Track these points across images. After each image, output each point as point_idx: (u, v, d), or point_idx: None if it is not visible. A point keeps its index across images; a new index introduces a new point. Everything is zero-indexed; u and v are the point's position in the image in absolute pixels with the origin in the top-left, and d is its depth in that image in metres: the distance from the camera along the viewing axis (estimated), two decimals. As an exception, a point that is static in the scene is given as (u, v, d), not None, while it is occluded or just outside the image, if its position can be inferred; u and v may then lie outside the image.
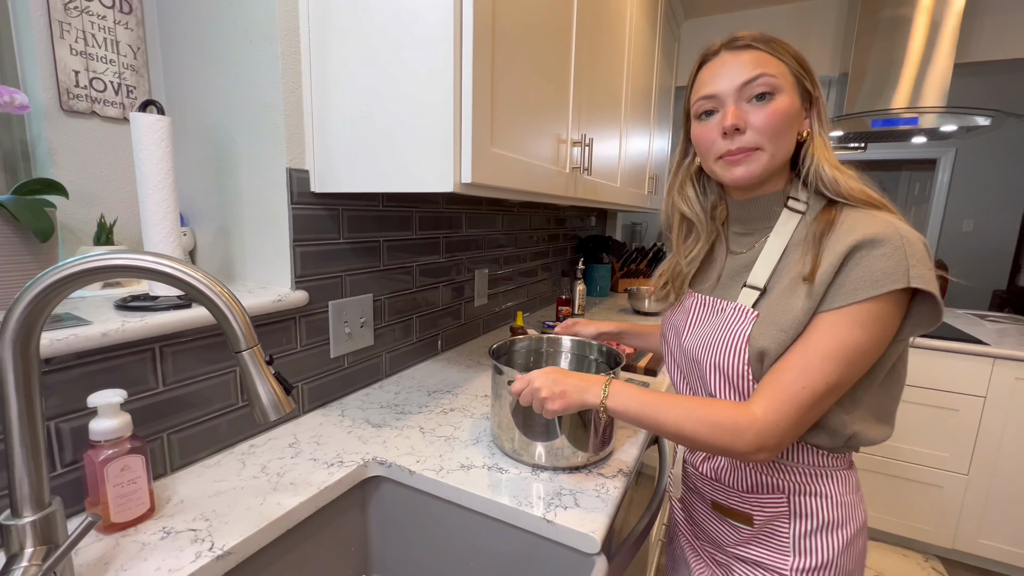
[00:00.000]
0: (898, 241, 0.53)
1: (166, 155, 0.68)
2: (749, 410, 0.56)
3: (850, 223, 0.57)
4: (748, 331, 0.61)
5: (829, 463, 0.65)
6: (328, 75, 0.81)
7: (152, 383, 0.67)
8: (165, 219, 0.69)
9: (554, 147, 1.02)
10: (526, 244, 1.79)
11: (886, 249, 0.53)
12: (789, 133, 0.61)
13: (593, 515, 0.65)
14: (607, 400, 0.63)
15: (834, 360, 0.54)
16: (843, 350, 0.54)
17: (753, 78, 0.59)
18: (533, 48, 0.89)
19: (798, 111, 0.61)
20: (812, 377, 0.54)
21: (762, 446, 0.55)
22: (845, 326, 0.54)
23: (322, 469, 0.74)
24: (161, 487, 0.67)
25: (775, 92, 0.59)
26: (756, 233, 0.68)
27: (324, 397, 0.97)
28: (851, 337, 0.54)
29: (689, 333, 0.71)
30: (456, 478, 0.72)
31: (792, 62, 0.61)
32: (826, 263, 0.56)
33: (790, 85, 0.60)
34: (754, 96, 0.60)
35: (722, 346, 0.64)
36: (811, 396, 0.54)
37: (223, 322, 0.45)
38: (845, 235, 0.56)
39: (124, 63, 0.86)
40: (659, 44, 2.00)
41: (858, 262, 0.54)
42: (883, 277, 0.52)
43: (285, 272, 0.86)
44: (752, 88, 0.60)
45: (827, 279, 0.56)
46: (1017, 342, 1.78)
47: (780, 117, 0.59)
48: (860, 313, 0.54)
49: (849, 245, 0.55)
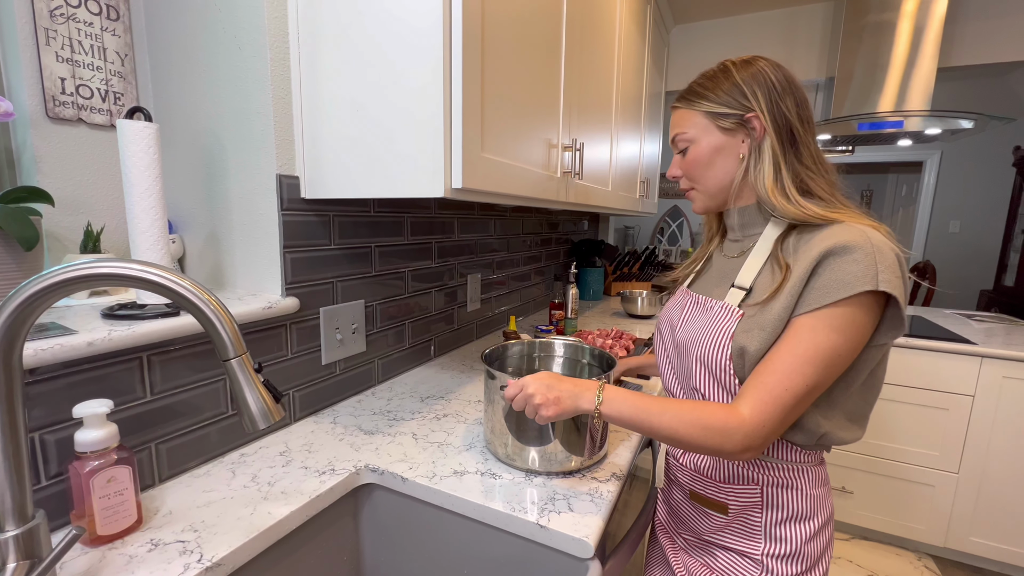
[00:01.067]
0: (868, 248, 0.56)
1: (153, 162, 0.68)
2: (737, 412, 0.59)
3: (827, 232, 0.60)
4: (732, 329, 0.65)
5: (802, 459, 0.68)
6: (318, 81, 0.81)
7: (140, 392, 0.67)
8: (153, 226, 0.69)
9: (545, 152, 1.03)
10: (519, 248, 1.79)
11: (857, 255, 0.56)
12: (709, 171, 0.71)
13: (587, 519, 0.65)
14: (601, 406, 0.64)
15: (812, 363, 0.57)
16: (820, 354, 0.57)
17: (673, 138, 0.73)
18: (522, 54, 0.89)
19: (716, 147, 0.69)
20: (793, 380, 0.57)
21: (749, 446, 0.58)
22: (822, 331, 0.57)
23: (313, 477, 0.73)
24: (149, 498, 0.66)
25: (689, 143, 0.71)
26: (746, 239, 0.73)
27: (316, 404, 0.96)
28: (828, 341, 0.57)
29: (681, 328, 0.74)
30: (449, 484, 0.72)
31: (705, 105, 0.69)
32: (800, 268, 0.60)
33: (703, 129, 0.69)
34: (679, 151, 0.73)
35: (708, 342, 0.67)
36: (793, 398, 0.58)
37: (211, 330, 0.44)
38: (820, 242, 0.59)
39: (111, 70, 0.86)
40: (648, 49, 2.02)
41: (830, 266, 0.58)
42: (853, 279, 0.56)
43: (275, 279, 0.86)
44: (676, 145, 0.74)
45: (800, 283, 0.60)
46: (1004, 341, 1.80)
47: (692, 164, 0.72)
48: (834, 318, 0.57)
49: (822, 251, 0.58)
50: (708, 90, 0.69)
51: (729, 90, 0.67)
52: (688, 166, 0.72)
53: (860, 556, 1.91)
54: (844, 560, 1.88)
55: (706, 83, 0.70)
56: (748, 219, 0.72)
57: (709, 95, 0.69)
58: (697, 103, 0.70)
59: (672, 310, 0.80)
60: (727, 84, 0.68)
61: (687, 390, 0.74)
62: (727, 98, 0.67)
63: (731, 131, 0.68)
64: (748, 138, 0.67)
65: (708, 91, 0.69)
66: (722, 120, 0.68)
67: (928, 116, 1.91)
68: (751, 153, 0.67)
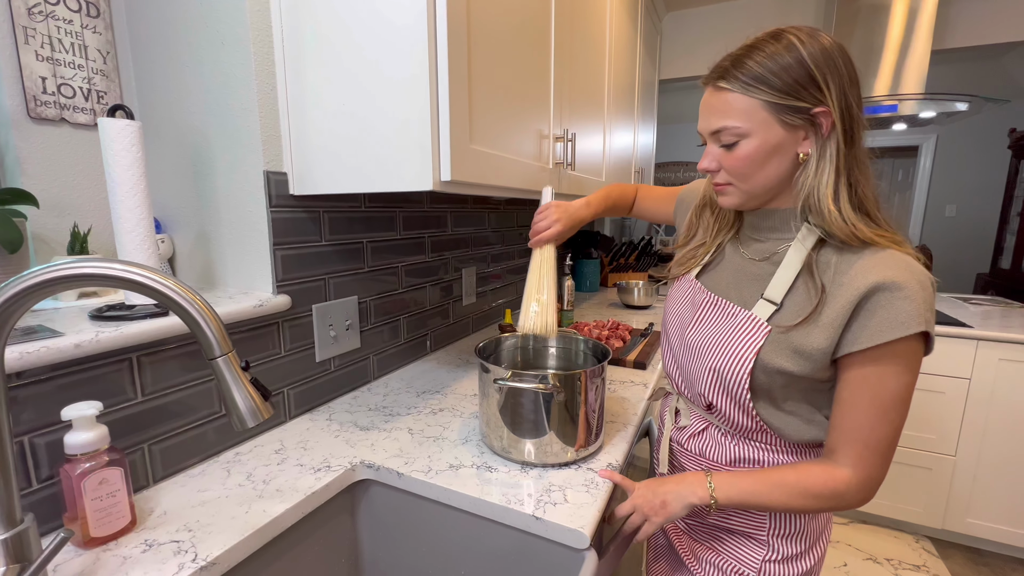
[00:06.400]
0: (916, 286, 0.55)
1: (137, 160, 0.67)
2: (840, 473, 0.60)
3: (870, 260, 0.57)
4: (759, 345, 0.63)
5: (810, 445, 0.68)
6: (303, 75, 0.80)
7: (130, 394, 0.66)
8: (139, 226, 0.68)
9: (536, 143, 1.02)
10: (514, 241, 1.78)
11: (908, 292, 0.55)
12: (761, 170, 0.61)
13: (582, 510, 0.65)
14: (715, 492, 0.65)
15: (895, 408, 0.58)
16: (899, 396, 0.58)
17: (718, 130, 0.61)
18: (511, 43, 0.88)
19: (775, 145, 0.59)
20: (885, 430, 0.59)
21: (865, 498, 0.61)
22: (891, 375, 0.57)
23: (309, 475, 0.73)
24: (143, 499, 0.66)
25: (740, 138, 0.60)
26: (769, 242, 0.67)
27: (311, 402, 0.96)
28: (900, 383, 0.57)
29: (694, 329, 0.72)
30: (445, 478, 0.72)
31: (768, 93, 0.57)
32: (843, 298, 0.57)
33: (761, 122, 0.58)
34: (722, 144, 0.62)
35: (727, 353, 0.65)
36: (889, 446, 0.60)
37: (195, 329, 0.44)
38: (865, 272, 0.57)
39: (93, 68, 0.84)
40: (641, 37, 2.00)
41: (880, 303, 0.56)
42: (908, 319, 0.54)
43: (266, 276, 0.85)
44: (719, 138, 0.62)
45: (843, 315, 0.57)
46: (1000, 324, 1.81)
47: (744, 162, 0.61)
48: (897, 357, 0.56)
49: (870, 285, 0.56)
50: (772, 73, 0.56)
51: (800, 76, 0.56)
52: (737, 163, 0.61)
53: (858, 539, 1.93)
54: (843, 544, 1.90)
55: (768, 63, 0.57)
56: (780, 223, 0.65)
57: (773, 80, 0.56)
58: (756, 89, 0.57)
59: (681, 304, 0.76)
60: (797, 68, 0.56)
61: (692, 393, 0.74)
62: (796, 87, 0.56)
63: (795, 127, 0.58)
64: (813, 135, 0.58)
65: (772, 75, 0.56)
66: (787, 114, 0.57)
67: (923, 99, 1.90)
68: (815, 154, 0.59)
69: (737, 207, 0.67)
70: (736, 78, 0.58)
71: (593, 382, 0.76)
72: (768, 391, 0.64)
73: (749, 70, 0.57)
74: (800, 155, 0.60)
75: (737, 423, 0.69)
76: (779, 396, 0.65)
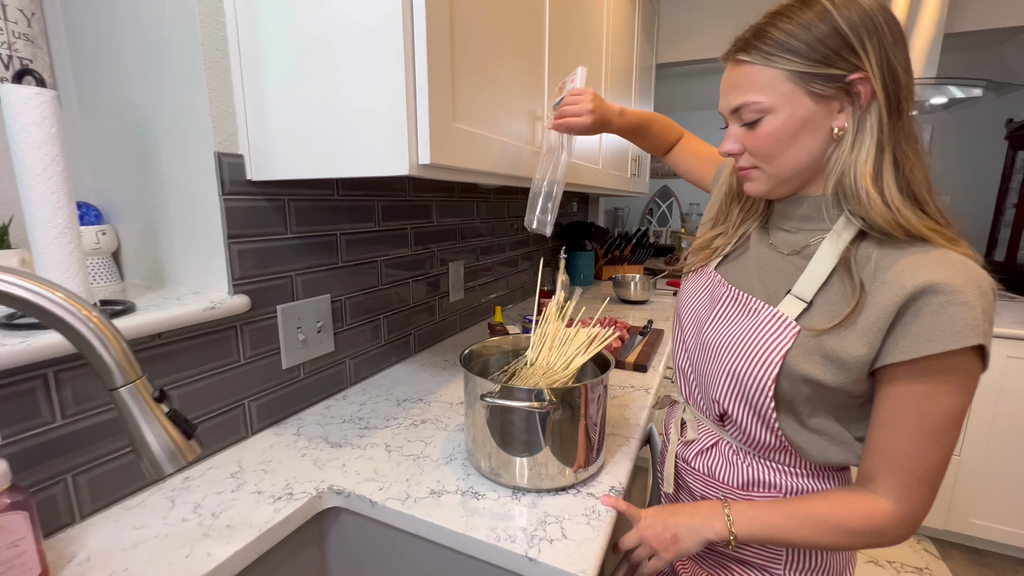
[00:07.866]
0: (975, 292, 0.46)
1: (51, 137, 0.55)
2: (880, 506, 0.53)
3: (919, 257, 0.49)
4: (787, 348, 0.54)
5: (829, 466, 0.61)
6: (259, 39, 0.68)
7: (47, 416, 0.56)
8: (55, 215, 0.57)
9: (529, 124, 0.92)
10: (505, 233, 1.68)
11: (966, 297, 0.46)
12: (789, 149, 0.53)
13: (583, 548, 0.56)
14: (734, 527, 0.56)
15: (945, 432, 0.50)
16: (949, 419, 0.50)
17: (738, 107, 0.55)
18: (501, 13, 0.77)
19: (804, 119, 0.51)
20: (934, 457, 0.51)
21: (906, 535, 0.53)
22: (941, 394, 0.49)
23: (267, 505, 0.63)
24: (65, 541, 0.56)
25: (763, 114, 0.53)
26: (801, 234, 0.59)
27: (277, 414, 0.85)
28: (950, 404, 0.49)
29: (712, 327, 0.63)
30: (424, 508, 0.62)
31: (792, 62, 0.50)
32: (884, 299, 0.49)
33: (786, 95, 0.51)
34: (744, 123, 0.56)
35: (750, 355, 0.56)
36: (937, 475, 0.51)
37: (86, 350, 0.34)
38: (912, 271, 0.48)
39: (14, 31, 0.72)
40: (639, 19, 1.89)
41: (930, 307, 0.47)
42: (964, 329, 0.46)
43: (221, 274, 0.75)
44: (740, 116, 0.55)
45: (885, 319, 0.49)
46: (1008, 319, 1.74)
47: (768, 141, 0.54)
48: (947, 375, 0.48)
49: (918, 286, 0.47)
50: (796, 38, 0.49)
51: (829, 39, 0.49)
52: (761, 142, 0.54)
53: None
54: (843, 545, 1.85)
55: (791, 27, 0.50)
56: (813, 211, 0.57)
57: (797, 45, 0.49)
58: (778, 58, 0.50)
59: (698, 297, 0.68)
60: (826, 30, 0.49)
61: (704, 399, 0.66)
62: (825, 51, 0.49)
63: (827, 98, 0.50)
64: (849, 107, 0.50)
65: (796, 39, 0.49)
66: (817, 84, 0.50)
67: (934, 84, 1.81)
68: (852, 128, 0.50)
69: (765, 195, 0.59)
70: (757, 48, 0.52)
71: (594, 395, 0.67)
72: (791, 403, 0.56)
73: (769, 37, 0.51)
74: (835, 130, 0.52)
75: (754, 437, 0.60)
76: (803, 410, 0.56)
